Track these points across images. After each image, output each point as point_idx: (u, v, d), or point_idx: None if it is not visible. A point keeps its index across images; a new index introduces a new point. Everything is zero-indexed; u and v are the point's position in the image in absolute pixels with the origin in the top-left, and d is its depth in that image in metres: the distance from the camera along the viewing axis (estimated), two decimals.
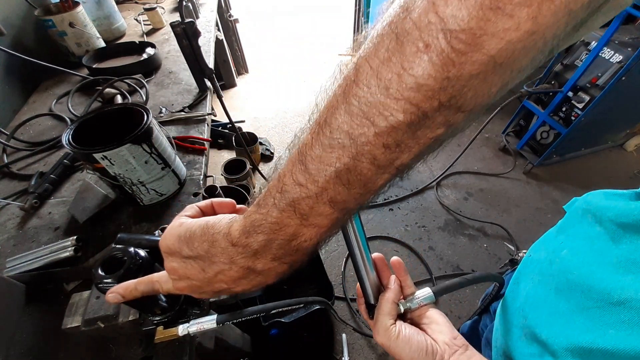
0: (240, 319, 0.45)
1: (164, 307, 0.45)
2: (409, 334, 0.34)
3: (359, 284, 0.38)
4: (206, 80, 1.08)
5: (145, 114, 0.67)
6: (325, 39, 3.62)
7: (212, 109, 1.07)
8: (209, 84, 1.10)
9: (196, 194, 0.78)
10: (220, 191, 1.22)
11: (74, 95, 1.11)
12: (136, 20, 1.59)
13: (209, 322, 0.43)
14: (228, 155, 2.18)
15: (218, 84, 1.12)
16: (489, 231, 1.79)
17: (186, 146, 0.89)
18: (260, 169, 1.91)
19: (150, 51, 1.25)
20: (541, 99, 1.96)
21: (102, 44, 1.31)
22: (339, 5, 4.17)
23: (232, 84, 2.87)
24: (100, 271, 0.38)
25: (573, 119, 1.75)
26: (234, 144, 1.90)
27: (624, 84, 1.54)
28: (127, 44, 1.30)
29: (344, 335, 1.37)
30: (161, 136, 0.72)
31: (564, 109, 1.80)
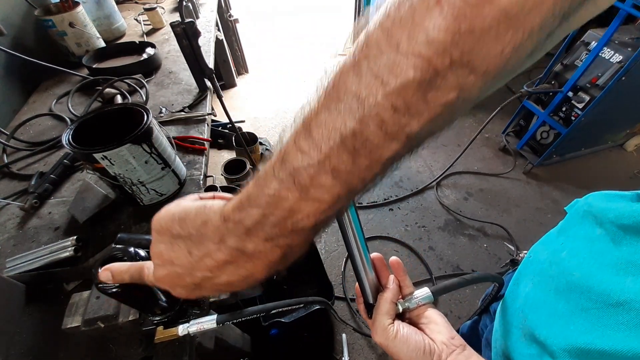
0: (240, 319, 0.45)
1: (164, 307, 0.45)
2: (406, 333, 0.34)
3: (358, 283, 0.38)
4: (206, 80, 1.09)
5: (145, 114, 0.67)
6: (325, 39, 3.62)
7: (212, 109, 1.07)
8: (209, 84, 1.10)
9: None
10: (220, 191, 1.22)
11: (74, 95, 1.11)
12: (136, 20, 1.59)
13: (209, 322, 0.43)
14: (228, 155, 2.18)
15: (218, 84, 1.12)
16: (489, 231, 1.79)
17: (186, 146, 0.89)
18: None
19: (150, 51, 1.25)
20: (541, 99, 1.96)
21: (102, 44, 1.31)
22: (339, 5, 4.17)
23: (232, 84, 2.88)
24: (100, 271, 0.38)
25: (573, 119, 1.75)
26: (234, 144, 1.90)
27: (624, 84, 1.54)
28: (127, 44, 1.30)
29: (344, 335, 1.37)
30: (161, 136, 0.72)
31: (564, 109, 1.80)
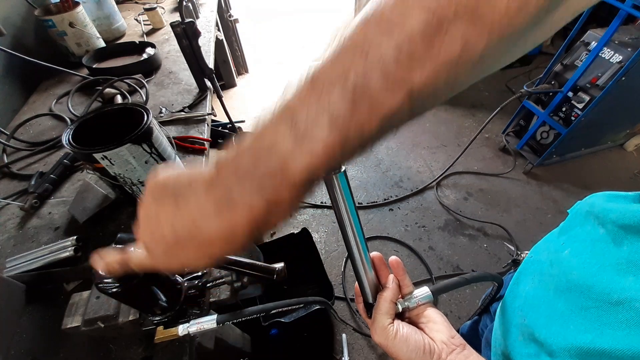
0: (240, 319, 0.45)
1: (164, 307, 0.45)
2: (406, 333, 0.34)
3: (357, 283, 0.38)
4: (206, 80, 1.09)
5: (145, 114, 0.67)
6: (325, 39, 3.62)
7: (212, 109, 1.07)
8: (209, 84, 1.10)
9: None
10: None
11: (74, 95, 1.11)
12: (136, 20, 1.59)
13: (209, 322, 0.44)
14: None
15: (218, 84, 1.12)
16: (489, 231, 1.79)
17: (186, 146, 0.89)
18: None
19: (150, 51, 1.25)
20: (541, 99, 1.96)
21: (102, 44, 1.31)
22: (339, 5, 4.17)
23: (232, 84, 2.88)
24: (100, 271, 0.38)
25: (573, 119, 1.75)
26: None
27: (623, 84, 1.54)
28: (127, 44, 1.30)
29: (344, 335, 1.37)
30: (161, 136, 0.72)
31: (564, 109, 1.80)
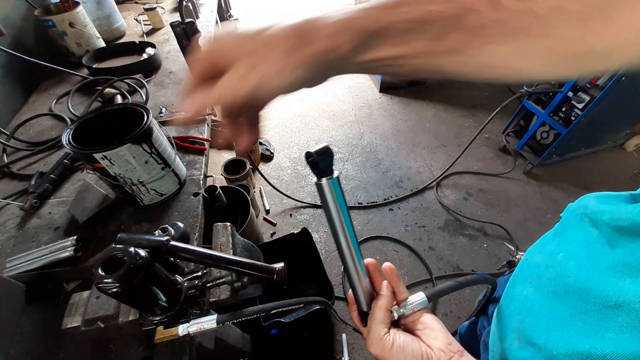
0: (240, 319, 0.45)
1: (164, 307, 0.45)
2: (403, 342, 0.33)
3: (351, 290, 0.37)
4: None
5: (145, 114, 0.67)
6: None
7: (212, 108, 1.06)
8: None
9: (196, 194, 0.78)
10: (220, 191, 1.22)
11: (74, 95, 1.11)
12: (136, 20, 1.60)
13: (209, 322, 0.44)
14: (228, 155, 2.18)
15: None
16: (489, 231, 1.79)
17: (186, 146, 0.89)
18: (260, 169, 1.92)
19: (150, 51, 1.25)
20: (541, 99, 1.96)
21: (102, 44, 1.31)
22: (339, 6, 4.16)
23: None
24: (100, 271, 0.38)
25: (573, 119, 1.75)
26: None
27: (623, 84, 1.54)
28: (127, 44, 1.30)
29: (344, 335, 1.37)
30: (161, 136, 0.72)
31: (563, 109, 1.80)
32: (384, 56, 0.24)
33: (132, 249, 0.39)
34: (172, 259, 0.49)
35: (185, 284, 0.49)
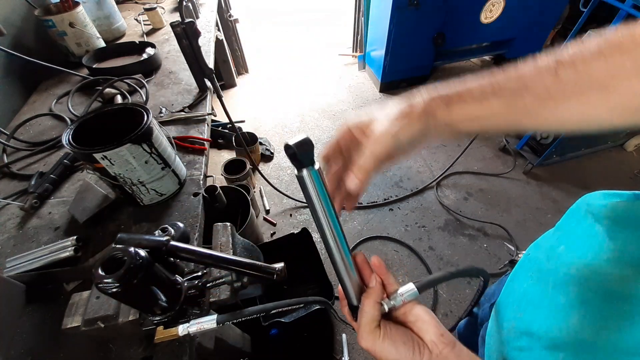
0: (240, 319, 0.45)
1: (164, 307, 0.45)
2: (394, 335, 0.32)
3: (340, 285, 0.36)
4: (206, 80, 1.09)
5: (145, 114, 0.67)
6: (325, 39, 3.62)
7: (212, 109, 1.07)
8: (209, 84, 1.10)
9: (196, 194, 0.78)
10: (220, 191, 1.22)
11: (74, 95, 1.11)
12: (136, 20, 1.60)
13: (209, 322, 0.43)
14: (228, 155, 2.18)
15: (218, 84, 1.12)
16: (489, 231, 1.79)
17: (186, 146, 0.89)
18: (260, 169, 1.92)
19: (150, 51, 1.25)
20: None
21: (102, 44, 1.31)
22: (339, 5, 4.17)
23: (232, 84, 2.87)
24: (100, 271, 0.38)
25: None
26: (234, 144, 1.90)
27: None
28: (127, 44, 1.30)
29: (344, 335, 1.37)
30: (161, 136, 0.72)
31: None
32: (466, 115, 0.30)
33: (132, 249, 0.39)
34: (172, 259, 0.49)
35: (185, 284, 0.49)
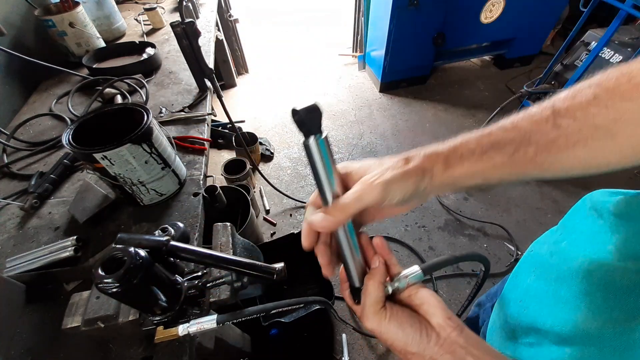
0: (240, 319, 0.45)
1: (164, 307, 0.45)
2: (400, 316, 0.31)
3: (343, 266, 0.35)
4: (206, 80, 1.09)
5: (145, 114, 0.67)
6: (325, 39, 3.62)
7: (212, 109, 1.07)
8: (209, 84, 1.10)
9: (196, 194, 0.78)
10: (220, 191, 1.22)
11: (74, 95, 1.11)
12: (136, 20, 1.60)
13: (209, 322, 0.44)
14: (228, 155, 2.18)
15: (218, 84, 1.12)
16: (489, 231, 1.79)
17: (186, 146, 0.89)
18: (260, 169, 1.92)
19: (150, 51, 1.25)
20: (541, 99, 1.96)
21: (102, 44, 1.31)
22: (339, 5, 4.17)
23: (232, 84, 2.87)
24: (100, 271, 0.38)
25: None
26: (234, 144, 1.90)
27: None
28: (127, 44, 1.30)
29: (344, 335, 1.37)
30: (161, 136, 0.72)
31: None
32: (467, 170, 0.29)
33: (132, 249, 0.39)
34: (172, 259, 0.49)
35: (185, 284, 0.49)
